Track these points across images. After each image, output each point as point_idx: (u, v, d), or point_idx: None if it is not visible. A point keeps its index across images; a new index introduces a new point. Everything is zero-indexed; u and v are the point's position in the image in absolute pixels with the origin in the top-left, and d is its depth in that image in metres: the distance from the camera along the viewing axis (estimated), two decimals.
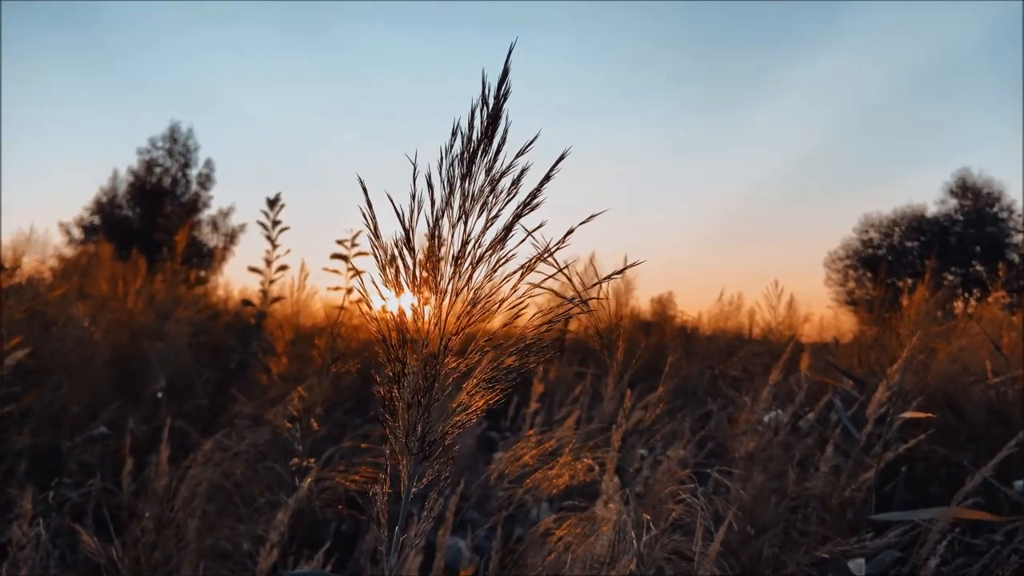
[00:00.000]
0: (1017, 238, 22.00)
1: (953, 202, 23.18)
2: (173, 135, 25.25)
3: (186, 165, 25.32)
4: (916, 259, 22.03)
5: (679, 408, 3.27)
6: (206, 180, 25.51)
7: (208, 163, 25.46)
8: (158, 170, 24.93)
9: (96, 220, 23.87)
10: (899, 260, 22.40)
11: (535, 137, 0.67)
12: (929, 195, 24.34)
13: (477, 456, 3.07)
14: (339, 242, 3.27)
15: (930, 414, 2.12)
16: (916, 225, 23.23)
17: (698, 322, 6.12)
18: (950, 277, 20.15)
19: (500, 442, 3.18)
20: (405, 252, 0.69)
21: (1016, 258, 21.32)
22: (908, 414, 2.12)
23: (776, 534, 1.97)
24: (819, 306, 21.96)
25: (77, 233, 23.38)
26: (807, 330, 5.43)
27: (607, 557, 1.21)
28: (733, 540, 1.90)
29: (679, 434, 2.35)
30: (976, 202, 22.62)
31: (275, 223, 3.94)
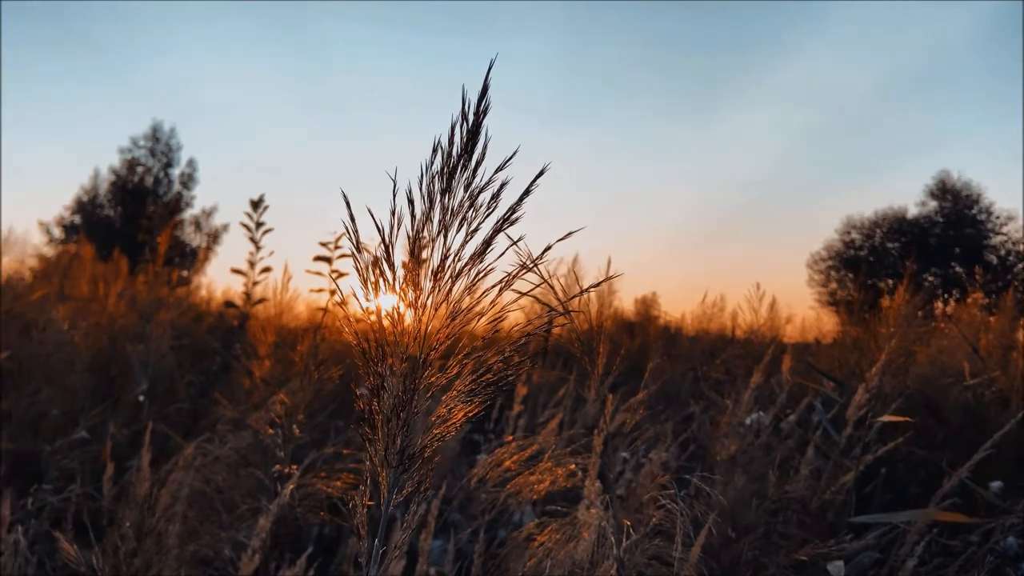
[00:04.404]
0: (995, 240, 22.28)
1: (933, 204, 23.42)
2: (155, 134, 25.06)
3: (168, 164, 25.14)
4: (897, 260, 22.24)
5: (662, 410, 3.29)
6: (188, 179, 25.35)
7: (191, 162, 25.31)
8: (140, 169, 24.74)
9: (77, 219, 23.65)
10: (880, 261, 22.61)
11: (514, 153, 0.68)
12: (910, 197, 24.54)
13: (460, 459, 3.07)
14: (322, 244, 3.27)
15: (908, 418, 2.15)
16: (897, 227, 23.45)
17: (681, 323, 6.14)
18: (930, 278, 20.35)
19: (483, 445, 3.19)
20: (385, 266, 0.69)
21: (994, 259, 21.58)
22: (886, 417, 2.15)
23: (756, 537, 1.98)
24: (801, 307, 22.11)
25: (57, 233, 23.16)
26: (789, 331, 5.47)
27: (587, 562, 1.21)
28: (714, 543, 1.91)
29: (662, 437, 2.36)
30: (955, 204, 22.88)
31: (258, 225, 3.92)
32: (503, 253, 0.70)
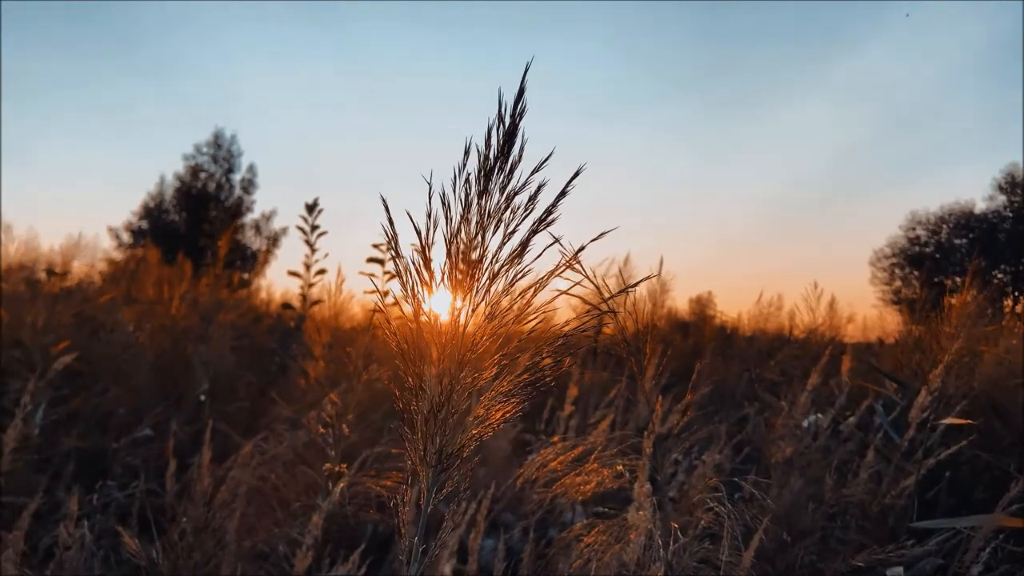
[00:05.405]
0: None
1: (1002, 198, 22.45)
2: (217, 141, 25.78)
3: (230, 170, 25.83)
4: (964, 257, 21.41)
5: (715, 412, 3.24)
6: (249, 185, 25.99)
7: (251, 168, 25.95)
8: (203, 175, 25.47)
9: (144, 224, 24.45)
10: (947, 258, 21.82)
11: (550, 154, 0.68)
12: (978, 191, 23.56)
13: (512, 459, 3.07)
14: (375, 245, 3.32)
15: (972, 421, 2.08)
16: (964, 222, 22.58)
17: (738, 323, 6.04)
18: (999, 275, 19.56)
19: (534, 444, 3.19)
20: (423, 268, 0.70)
21: None
22: (949, 420, 2.08)
23: (813, 541, 1.94)
24: (864, 305, 21.49)
25: (126, 237, 23.99)
26: (851, 330, 5.33)
27: (634, 564, 1.21)
28: (769, 548, 1.88)
29: (715, 438, 2.33)
30: None
31: (313, 228, 4.01)
32: (540, 254, 0.70)
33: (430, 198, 0.69)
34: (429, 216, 0.69)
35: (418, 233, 0.70)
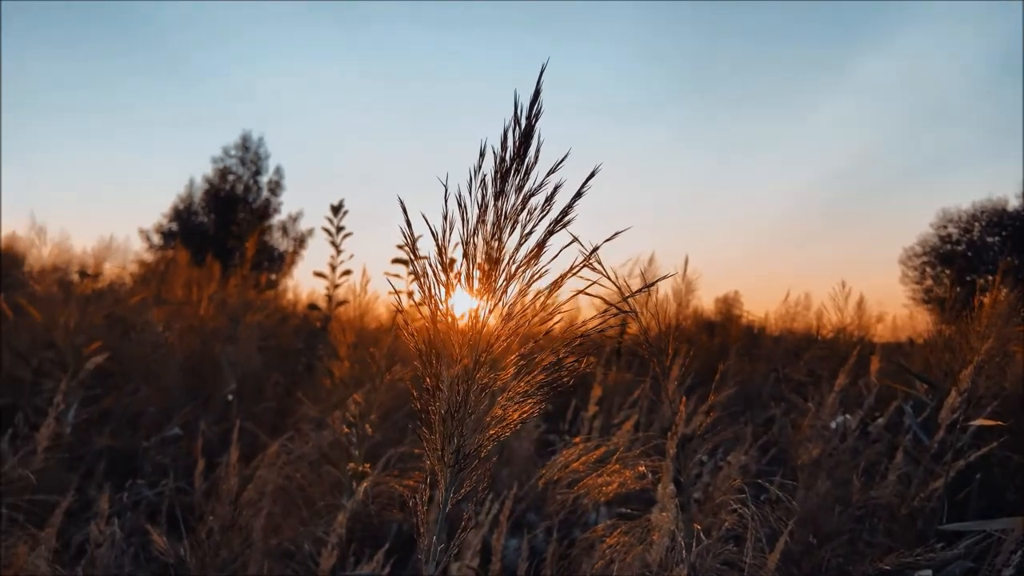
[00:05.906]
0: None
1: None
2: (245, 144, 26.08)
3: (257, 172, 26.12)
4: (997, 255, 21.03)
5: (741, 413, 3.22)
6: (276, 187, 26.27)
7: (278, 170, 26.25)
8: (231, 178, 25.78)
9: (174, 226, 24.81)
10: (979, 256, 21.42)
11: (566, 155, 0.68)
12: (1011, 188, 23.07)
13: (535, 459, 3.07)
14: (400, 247, 3.33)
15: (1003, 422, 2.04)
16: (997, 220, 22.16)
17: (765, 322, 5.98)
18: None
19: (558, 445, 3.19)
20: (439, 270, 0.71)
21: None
22: (979, 422, 2.04)
23: (840, 544, 1.92)
24: (894, 305, 21.20)
25: (156, 239, 24.36)
26: (880, 330, 5.26)
27: (656, 565, 1.20)
28: (795, 550, 1.86)
29: (741, 439, 2.31)
30: None
31: (339, 229, 4.03)
32: (556, 255, 0.71)
33: (446, 200, 0.69)
34: (445, 218, 0.70)
35: (435, 236, 0.70)
